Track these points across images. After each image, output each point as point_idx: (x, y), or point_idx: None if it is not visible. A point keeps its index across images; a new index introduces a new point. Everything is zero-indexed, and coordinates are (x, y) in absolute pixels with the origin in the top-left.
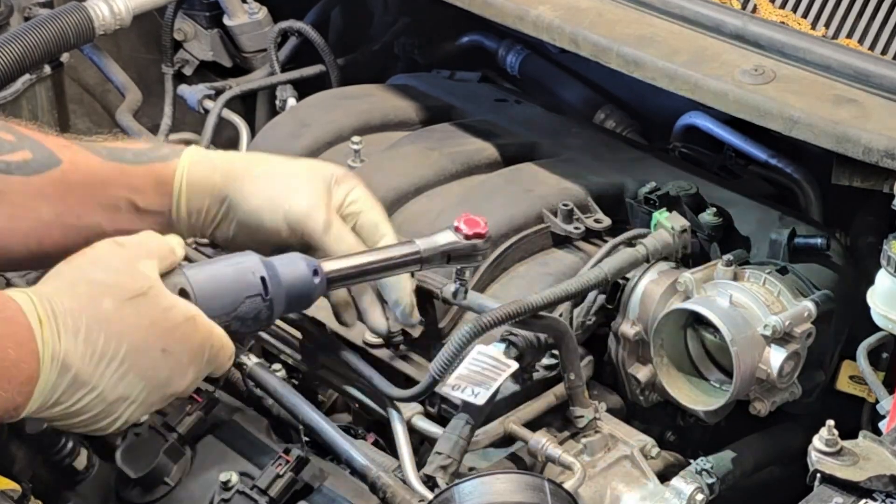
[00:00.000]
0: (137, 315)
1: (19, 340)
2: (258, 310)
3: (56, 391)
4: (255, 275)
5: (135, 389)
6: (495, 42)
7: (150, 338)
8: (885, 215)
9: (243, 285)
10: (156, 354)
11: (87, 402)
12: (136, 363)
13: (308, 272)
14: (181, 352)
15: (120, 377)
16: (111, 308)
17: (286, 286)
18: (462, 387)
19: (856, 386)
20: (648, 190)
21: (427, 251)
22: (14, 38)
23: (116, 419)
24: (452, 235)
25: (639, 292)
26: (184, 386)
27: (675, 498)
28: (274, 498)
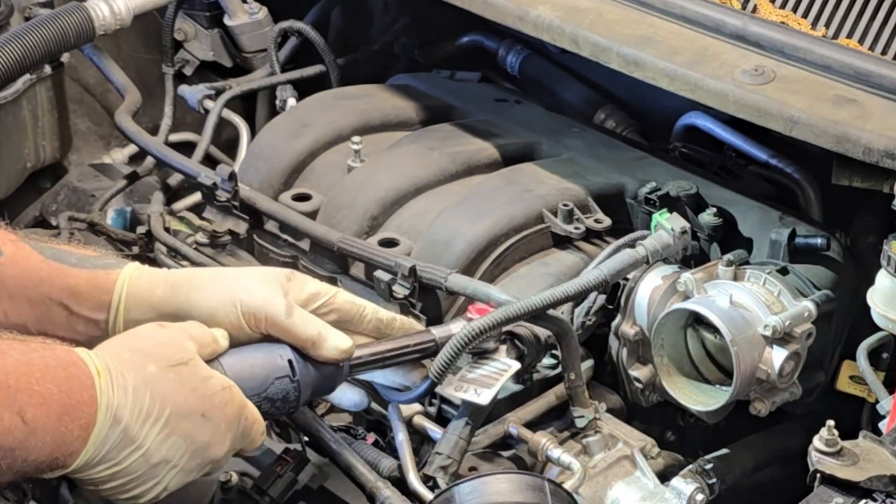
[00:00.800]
0: (179, 381)
1: (83, 384)
2: (286, 391)
3: (106, 444)
4: (283, 358)
5: (177, 453)
6: (495, 42)
7: (191, 402)
8: (885, 215)
9: (272, 367)
10: (197, 419)
11: (131, 462)
12: (178, 426)
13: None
14: (220, 419)
15: (164, 438)
16: (155, 372)
17: (313, 371)
18: (465, 387)
19: (856, 386)
20: (648, 190)
21: (442, 339)
22: (14, 38)
23: (156, 485)
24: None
25: (639, 293)
26: (221, 454)
27: (675, 498)
28: (274, 498)
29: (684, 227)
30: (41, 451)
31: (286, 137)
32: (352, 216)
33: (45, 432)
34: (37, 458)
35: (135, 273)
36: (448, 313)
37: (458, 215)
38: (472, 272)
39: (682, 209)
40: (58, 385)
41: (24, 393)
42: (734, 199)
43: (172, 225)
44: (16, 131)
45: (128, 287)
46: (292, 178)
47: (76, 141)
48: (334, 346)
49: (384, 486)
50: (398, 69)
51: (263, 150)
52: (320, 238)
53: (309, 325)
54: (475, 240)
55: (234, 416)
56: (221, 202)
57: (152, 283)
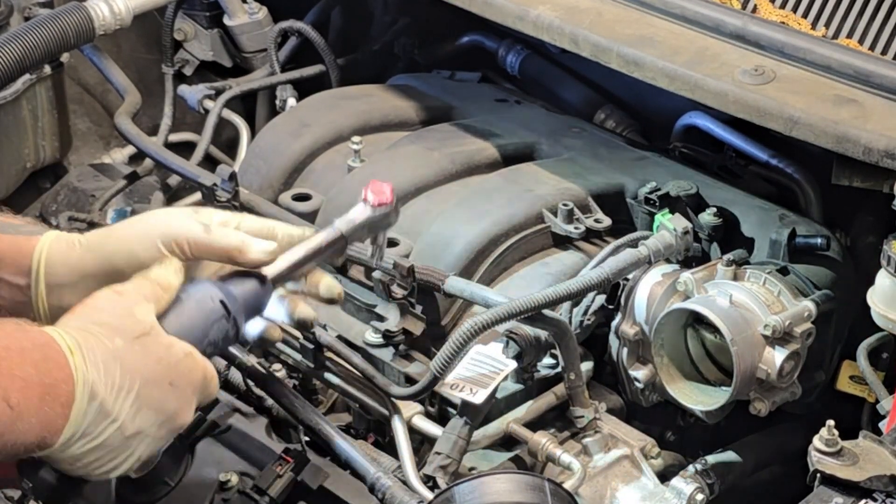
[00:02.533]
0: (145, 352)
1: (59, 363)
2: (225, 330)
3: (86, 419)
4: (213, 299)
5: (148, 422)
6: (495, 42)
7: (158, 372)
8: (885, 215)
9: (207, 312)
10: (165, 388)
11: (108, 435)
12: (148, 396)
13: (255, 282)
14: (186, 385)
15: (136, 410)
16: (122, 346)
17: (241, 301)
18: (461, 386)
19: (856, 386)
20: (649, 190)
21: (348, 230)
22: (14, 38)
23: (129, 456)
24: (366, 208)
25: (639, 292)
26: (188, 418)
27: (675, 498)
28: (274, 498)
29: (686, 228)
30: (29, 433)
31: (286, 137)
32: None
33: (30, 414)
34: (25, 440)
35: (54, 238)
36: (447, 313)
37: (457, 215)
38: (472, 272)
39: (683, 209)
40: (35, 367)
41: (5, 378)
42: (734, 199)
43: None
44: (16, 131)
45: (47, 251)
46: (292, 178)
47: (76, 141)
48: (260, 250)
49: (385, 476)
50: (398, 69)
51: (263, 150)
52: None
53: (230, 235)
54: (475, 240)
55: (198, 381)
56: (222, 202)
57: (69, 246)
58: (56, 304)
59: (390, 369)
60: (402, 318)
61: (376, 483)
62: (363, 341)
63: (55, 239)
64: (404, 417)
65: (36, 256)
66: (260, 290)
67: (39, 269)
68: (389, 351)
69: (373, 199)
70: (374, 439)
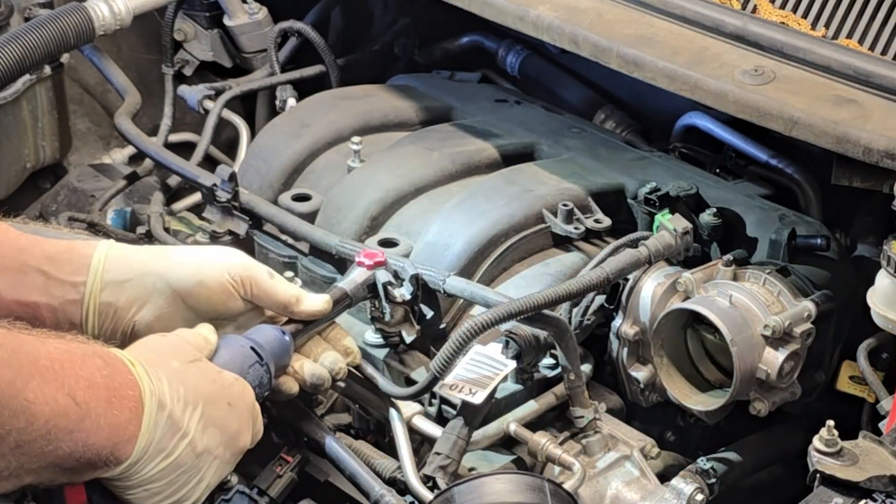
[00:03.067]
0: (201, 374)
1: (121, 370)
2: (261, 376)
3: (157, 429)
4: (244, 347)
5: (215, 441)
6: (495, 42)
7: (216, 392)
8: (885, 215)
9: (243, 357)
10: (224, 407)
11: (181, 451)
12: (212, 415)
13: (279, 333)
14: (242, 407)
15: (203, 427)
16: (179, 366)
17: (269, 350)
18: (460, 386)
19: (856, 386)
20: (649, 190)
21: (352, 291)
22: (14, 39)
23: (200, 481)
24: (363, 271)
25: (639, 292)
26: (248, 442)
27: (675, 498)
28: (274, 498)
29: (686, 228)
30: (99, 435)
31: (286, 138)
32: (351, 216)
33: (98, 414)
34: (95, 442)
35: (115, 243)
36: (448, 313)
37: (457, 215)
38: (472, 272)
39: (683, 209)
40: (98, 370)
41: (69, 377)
42: (734, 199)
43: (172, 225)
44: (16, 131)
45: (109, 249)
46: (292, 179)
47: (76, 141)
48: (316, 301)
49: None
50: (398, 69)
51: (263, 151)
52: (319, 242)
53: (290, 285)
54: (475, 240)
55: (251, 404)
56: (221, 202)
57: (134, 249)
58: (108, 300)
59: (390, 369)
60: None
61: (380, 501)
62: (363, 341)
63: (116, 244)
64: (404, 418)
65: (98, 253)
66: (285, 343)
67: (100, 265)
68: (389, 351)
69: (369, 262)
70: (374, 439)
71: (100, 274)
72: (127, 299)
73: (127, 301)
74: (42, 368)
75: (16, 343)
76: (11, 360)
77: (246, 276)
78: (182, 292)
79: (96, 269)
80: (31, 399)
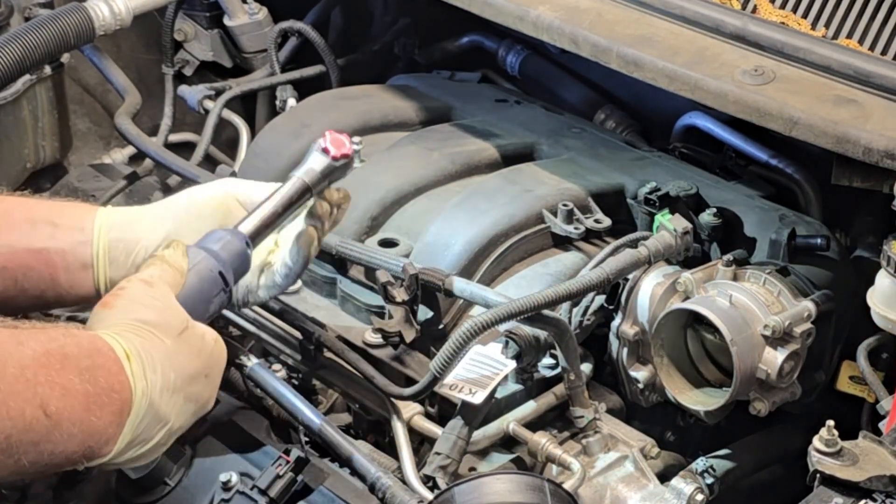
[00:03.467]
0: (189, 349)
1: (110, 371)
2: (222, 301)
3: (140, 427)
4: (213, 271)
5: (188, 416)
6: (495, 42)
7: (198, 366)
8: (885, 215)
9: (210, 287)
10: (202, 380)
11: (159, 438)
12: (189, 392)
13: (242, 244)
14: (217, 374)
15: (180, 408)
16: (171, 345)
17: (232, 267)
18: (459, 386)
19: (856, 386)
20: (649, 190)
21: (311, 180)
22: (14, 39)
23: (164, 446)
24: (324, 157)
25: (639, 292)
26: (211, 405)
27: (675, 498)
28: (274, 498)
29: (686, 228)
30: (69, 443)
31: (286, 137)
32: (352, 216)
33: (72, 423)
34: (65, 449)
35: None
36: (448, 313)
37: (457, 215)
38: (472, 272)
39: (683, 209)
40: (78, 374)
41: (43, 386)
42: (734, 200)
43: None
44: (16, 131)
45: (111, 206)
46: None
47: (76, 141)
48: None
49: (385, 476)
50: (398, 69)
51: (263, 151)
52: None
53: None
54: (475, 240)
55: (223, 364)
56: None
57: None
58: (117, 236)
59: (390, 369)
60: (402, 321)
61: (376, 483)
62: (363, 341)
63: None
64: (404, 418)
65: (101, 208)
66: (244, 252)
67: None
68: (389, 351)
69: (334, 152)
70: (374, 439)
71: (105, 215)
72: (134, 233)
73: (134, 234)
74: (10, 378)
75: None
76: None
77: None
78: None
79: (102, 213)
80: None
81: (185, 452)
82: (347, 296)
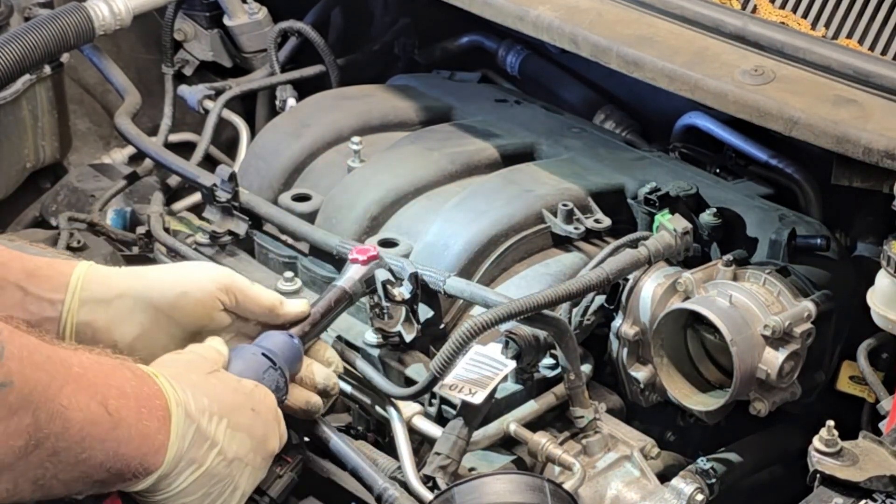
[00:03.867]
0: (221, 384)
1: (146, 381)
2: (276, 380)
3: (186, 439)
4: (256, 354)
5: (244, 448)
6: (495, 42)
7: (239, 400)
8: (885, 215)
9: (256, 364)
10: (249, 413)
11: (211, 461)
12: (238, 422)
13: (286, 337)
14: (266, 412)
15: (231, 435)
16: (198, 379)
17: (281, 355)
18: (459, 386)
19: (856, 386)
20: (649, 190)
21: (351, 288)
22: (14, 38)
23: (236, 488)
24: (359, 267)
25: (639, 292)
26: (276, 446)
27: (675, 498)
28: (274, 498)
29: (686, 228)
30: (130, 444)
31: (286, 137)
32: (352, 216)
33: (129, 424)
34: (127, 451)
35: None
36: (448, 313)
37: (457, 215)
38: (472, 272)
39: (683, 209)
40: (128, 381)
41: (102, 385)
42: (734, 200)
43: (172, 225)
44: (16, 131)
45: (88, 269)
46: (292, 179)
47: (76, 141)
48: (294, 306)
49: (392, 488)
50: (398, 69)
51: (263, 151)
52: (319, 242)
53: (268, 292)
54: (475, 240)
55: (274, 408)
56: (221, 202)
57: (114, 270)
58: (85, 319)
59: (390, 369)
60: (402, 321)
61: (383, 494)
62: (363, 341)
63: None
64: (404, 418)
65: (77, 272)
66: (294, 346)
67: (79, 283)
68: (389, 351)
69: (363, 258)
70: (374, 439)
71: (78, 292)
72: (106, 319)
73: (106, 321)
74: (76, 375)
75: (49, 349)
76: (46, 365)
77: (229, 282)
78: (165, 306)
79: (74, 288)
80: (66, 404)
81: None
82: None
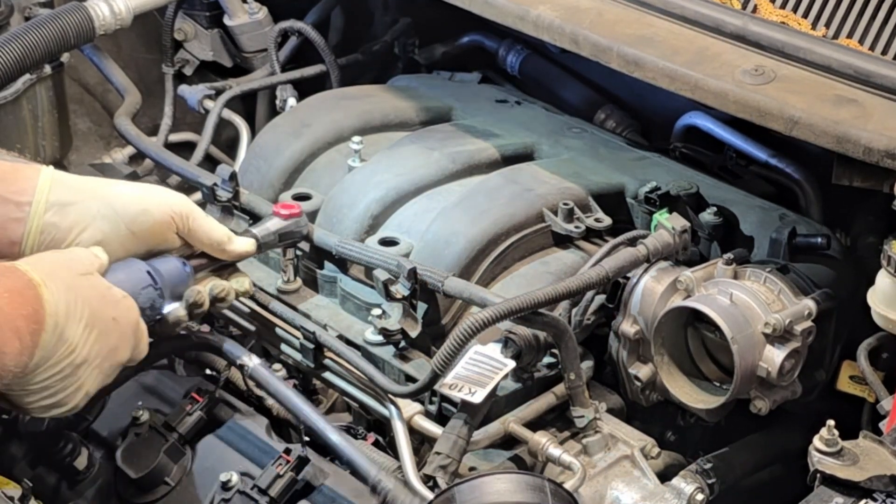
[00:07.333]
0: (92, 287)
1: (27, 283)
2: (152, 299)
3: (49, 344)
4: (141, 270)
5: (94, 352)
6: (495, 42)
7: (103, 306)
8: (885, 215)
9: (137, 279)
10: (109, 321)
11: (65, 363)
12: (96, 327)
13: (179, 263)
14: (125, 323)
15: (86, 338)
16: (70, 279)
17: (167, 277)
18: (459, 386)
19: (856, 386)
20: (649, 190)
21: (263, 237)
22: (14, 38)
23: (79, 389)
24: (279, 220)
25: (639, 291)
26: (125, 358)
27: (675, 498)
28: (274, 498)
29: (684, 226)
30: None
31: (286, 137)
32: (352, 215)
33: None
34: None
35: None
36: (447, 313)
37: (458, 214)
38: (473, 271)
39: (683, 209)
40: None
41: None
42: (734, 199)
43: None
44: (16, 131)
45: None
46: (293, 178)
47: (76, 141)
48: (243, 244)
49: (387, 478)
50: (398, 69)
51: (264, 150)
52: (319, 242)
53: (221, 226)
54: (475, 239)
55: (134, 322)
56: (222, 202)
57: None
58: (52, 221)
59: (390, 368)
60: (402, 318)
61: (378, 484)
62: (363, 340)
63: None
64: (404, 417)
65: (44, 176)
66: (183, 273)
67: (47, 186)
68: (389, 349)
69: (285, 212)
70: (374, 439)
71: (45, 195)
72: (70, 221)
73: (70, 223)
74: None
75: None
76: None
77: (186, 211)
78: (126, 218)
79: (42, 190)
80: None
81: (185, 452)
82: (347, 294)
